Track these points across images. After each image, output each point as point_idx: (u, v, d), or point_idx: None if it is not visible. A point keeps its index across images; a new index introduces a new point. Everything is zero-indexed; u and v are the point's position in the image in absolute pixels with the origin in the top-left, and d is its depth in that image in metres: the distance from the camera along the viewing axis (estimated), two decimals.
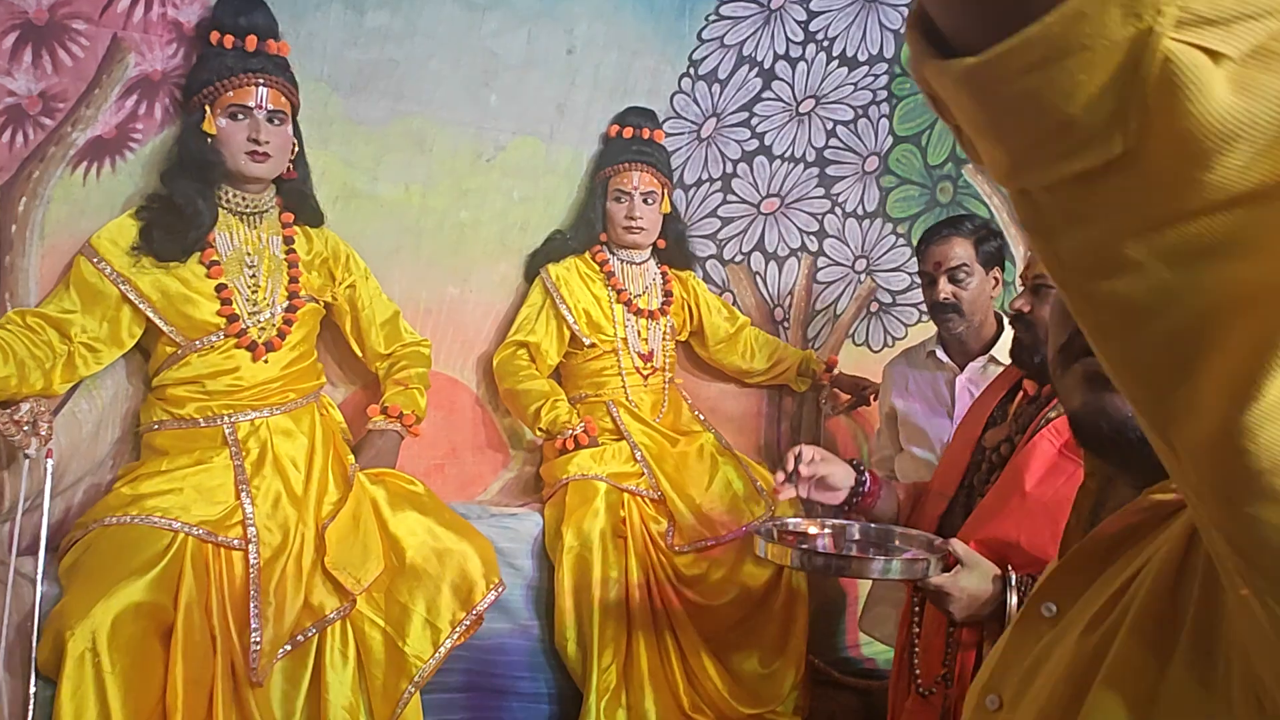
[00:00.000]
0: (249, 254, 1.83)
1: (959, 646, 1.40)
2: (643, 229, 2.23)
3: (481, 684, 1.97)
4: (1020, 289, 1.44)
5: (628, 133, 2.23)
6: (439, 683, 1.81)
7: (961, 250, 2.03)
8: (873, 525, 1.50)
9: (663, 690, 2.03)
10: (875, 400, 2.47)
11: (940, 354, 2.16)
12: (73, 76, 1.70)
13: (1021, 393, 1.52)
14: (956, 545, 1.31)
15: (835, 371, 2.49)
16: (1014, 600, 1.28)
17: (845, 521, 1.47)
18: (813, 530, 1.47)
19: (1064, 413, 1.35)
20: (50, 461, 1.60)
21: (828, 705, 2.26)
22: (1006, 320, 1.55)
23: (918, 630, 1.48)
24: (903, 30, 2.51)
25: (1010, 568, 1.30)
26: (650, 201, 2.23)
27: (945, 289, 2.03)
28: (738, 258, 2.56)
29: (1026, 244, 1.48)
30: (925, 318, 2.72)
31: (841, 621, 2.39)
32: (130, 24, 1.73)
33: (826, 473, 1.48)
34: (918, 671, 1.43)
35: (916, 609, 1.53)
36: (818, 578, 2.22)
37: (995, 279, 2.09)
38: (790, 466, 1.46)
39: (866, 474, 1.52)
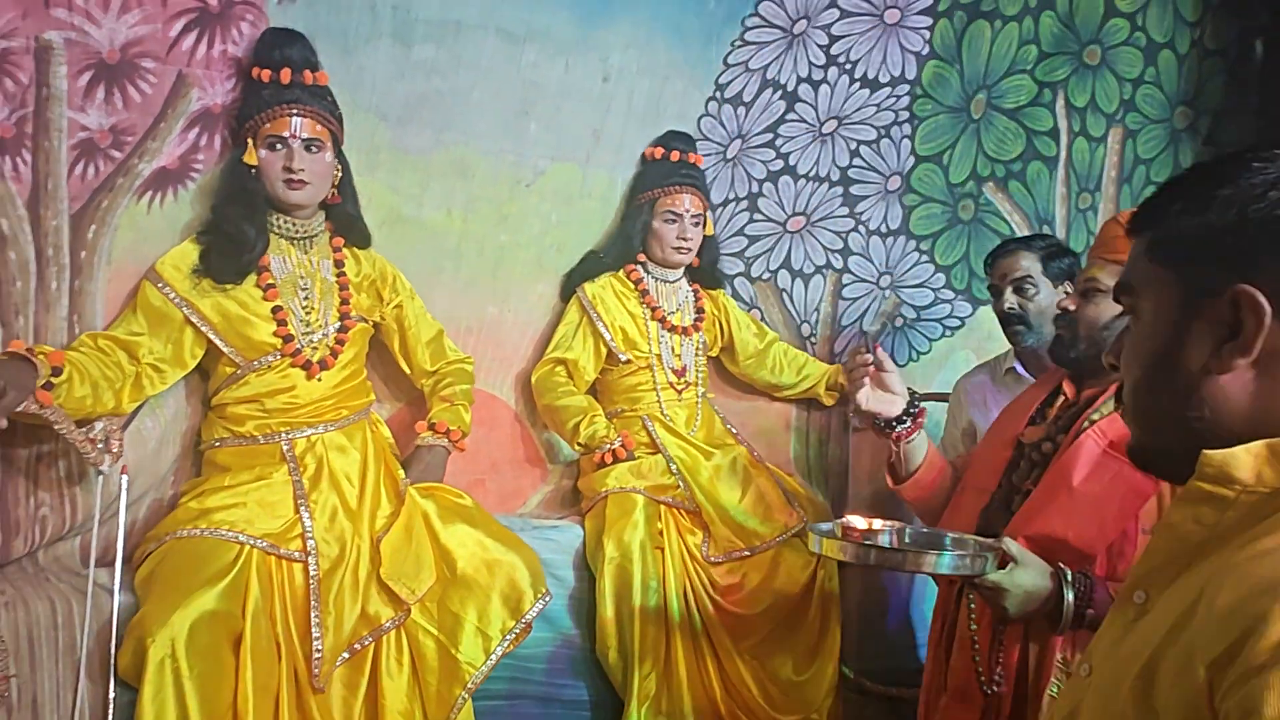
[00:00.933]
0: (302, 277, 1.91)
1: (1005, 645, 1.45)
2: (690, 249, 2.32)
3: (525, 691, 2.03)
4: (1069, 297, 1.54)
5: (674, 156, 2.31)
6: (484, 690, 1.87)
7: (1027, 263, 2.11)
8: (925, 529, 1.56)
9: (700, 697, 2.09)
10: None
11: (1020, 369, 2.23)
12: (140, 111, 1.79)
13: (1062, 396, 1.58)
14: (1010, 544, 1.35)
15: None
16: (1070, 596, 1.33)
17: (901, 524, 1.53)
18: (872, 527, 1.52)
19: (1107, 414, 1.42)
20: (125, 478, 1.68)
21: (859, 712, 2.31)
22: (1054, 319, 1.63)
23: (958, 628, 1.54)
24: (924, 52, 2.60)
25: (1062, 565, 1.36)
26: (697, 223, 2.31)
27: (1010, 300, 2.11)
28: (765, 275, 2.63)
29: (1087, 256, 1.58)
30: (950, 333, 2.78)
31: (872, 631, 2.45)
32: (194, 61, 1.82)
33: (891, 372, 1.63)
34: (980, 670, 1.47)
35: (953, 606, 1.59)
36: (873, 576, 2.27)
37: (1066, 293, 2.15)
38: (864, 356, 1.62)
39: (917, 407, 1.64)
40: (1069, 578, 1.35)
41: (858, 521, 1.53)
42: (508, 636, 1.82)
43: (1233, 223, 0.64)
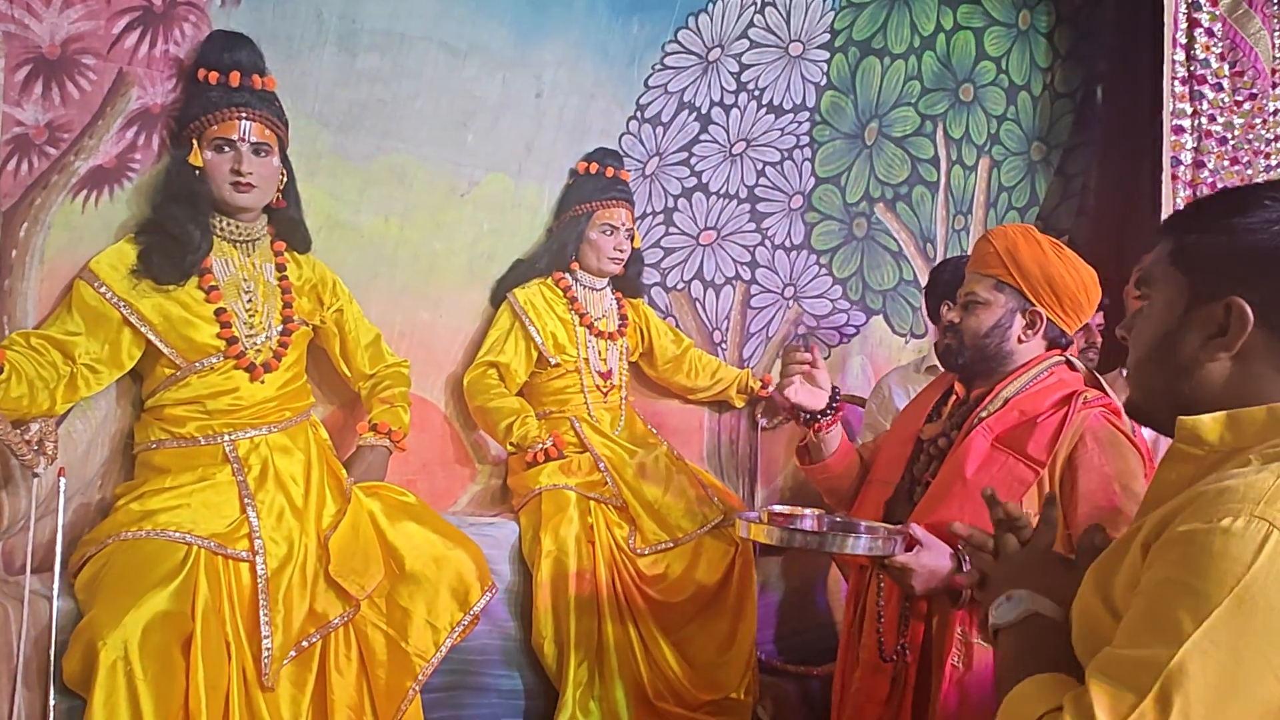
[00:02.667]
0: (245, 280, 1.92)
1: (910, 620, 1.60)
2: (623, 260, 2.44)
3: (463, 683, 2.09)
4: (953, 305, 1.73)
5: (609, 171, 2.43)
6: (427, 683, 1.92)
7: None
8: (840, 517, 1.70)
9: (630, 682, 2.20)
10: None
11: (940, 366, 2.44)
12: (78, 108, 1.76)
13: (954, 395, 1.77)
14: (916, 529, 1.50)
15: (770, 389, 2.75)
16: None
17: (820, 511, 1.69)
18: (795, 513, 1.68)
19: (994, 412, 1.62)
20: (63, 480, 1.64)
21: (772, 690, 2.48)
22: (940, 329, 1.84)
23: (866, 608, 1.71)
24: (822, 83, 2.83)
25: (961, 547, 1.53)
26: (629, 236, 2.44)
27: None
28: (679, 285, 2.79)
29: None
30: (846, 340, 3.02)
31: (782, 615, 2.63)
32: (135, 59, 1.81)
33: (821, 369, 1.80)
34: (882, 640, 1.66)
35: (864, 589, 1.75)
36: (787, 565, 2.44)
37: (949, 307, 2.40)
38: (804, 355, 1.78)
39: (838, 401, 1.82)
40: (965, 558, 1.46)
41: (781, 509, 1.69)
42: (456, 628, 1.88)
43: (1240, 246, 0.85)
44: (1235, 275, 0.85)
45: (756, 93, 2.74)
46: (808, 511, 1.66)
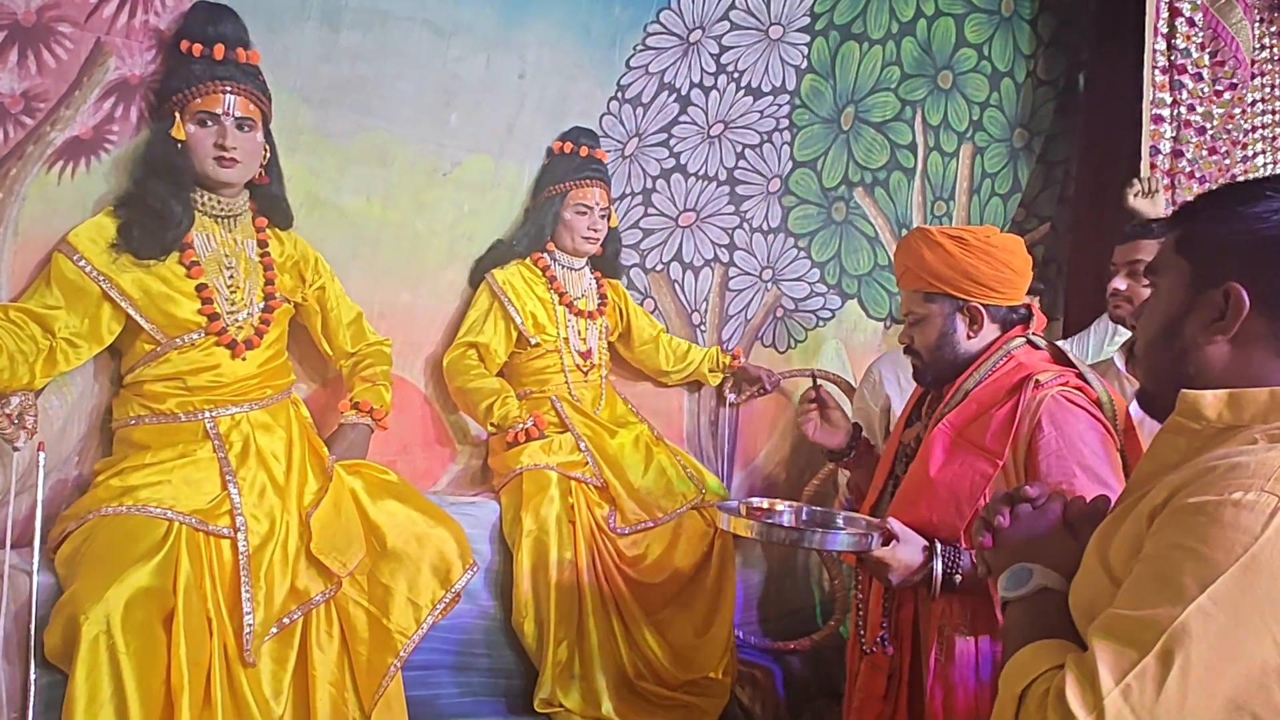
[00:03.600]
0: (226, 255, 1.90)
1: (895, 613, 1.62)
2: (599, 239, 2.44)
3: (443, 662, 2.10)
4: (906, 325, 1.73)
5: (583, 151, 2.43)
6: (407, 661, 1.92)
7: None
8: (819, 508, 1.74)
9: (609, 661, 2.22)
10: (775, 388, 2.79)
11: None
12: (55, 78, 1.73)
13: (933, 394, 1.77)
14: (893, 523, 1.52)
15: (741, 362, 2.77)
16: (939, 567, 1.49)
17: (799, 504, 1.71)
18: (776, 508, 1.70)
19: (954, 407, 1.62)
20: (43, 455, 1.63)
21: (750, 670, 2.52)
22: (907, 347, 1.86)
23: (861, 597, 1.72)
24: (802, 66, 2.84)
25: (935, 540, 1.53)
26: (604, 216, 2.44)
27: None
28: (658, 267, 2.80)
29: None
30: (822, 323, 3.05)
31: (761, 597, 2.66)
32: (114, 29, 1.78)
33: (833, 408, 1.81)
34: (862, 632, 1.67)
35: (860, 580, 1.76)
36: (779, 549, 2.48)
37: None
38: (813, 395, 1.79)
39: (860, 435, 1.83)
40: (937, 550, 1.51)
41: (759, 502, 1.71)
42: (438, 606, 1.89)
43: (1239, 234, 0.89)
44: (1234, 262, 0.89)
45: (736, 75, 2.75)
46: (784, 505, 1.68)
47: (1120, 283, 2.21)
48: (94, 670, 1.50)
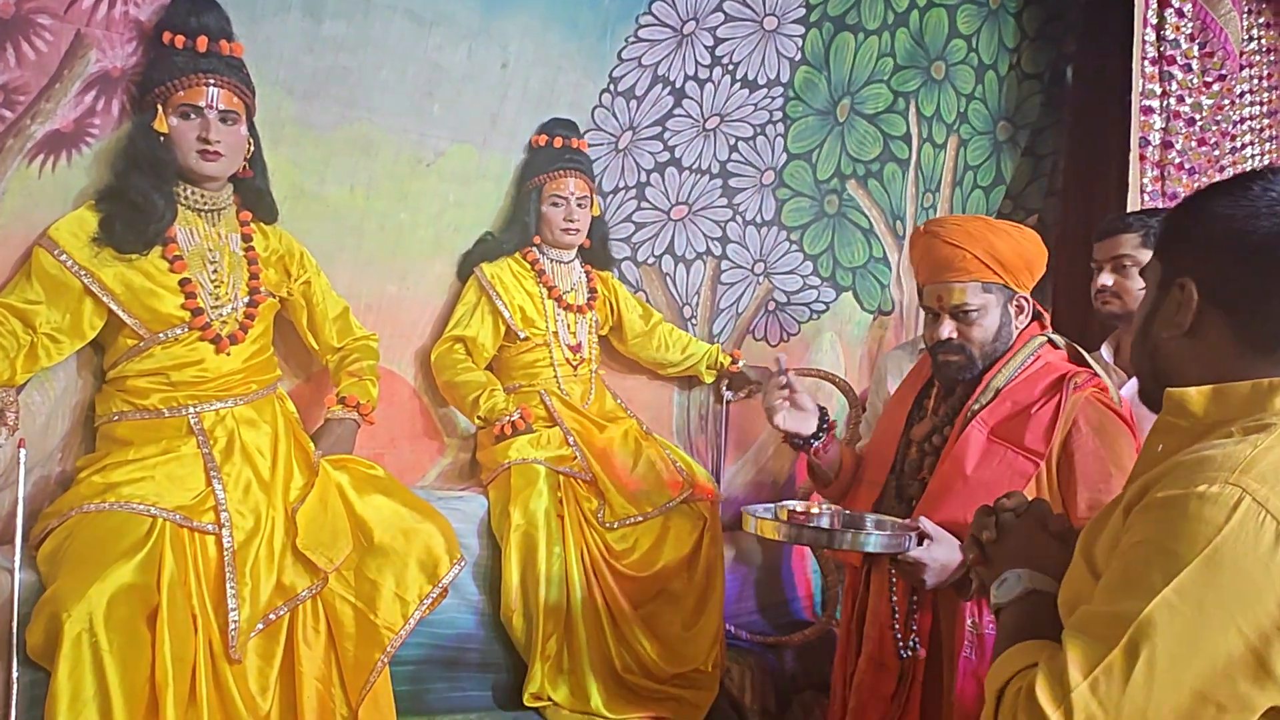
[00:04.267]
0: (210, 250, 1.89)
1: (919, 614, 1.60)
2: (578, 230, 2.42)
3: (432, 657, 2.09)
4: (937, 315, 1.67)
5: (557, 142, 2.41)
6: (395, 656, 1.92)
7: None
8: (849, 511, 1.70)
9: (598, 655, 2.22)
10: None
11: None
12: (35, 70, 1.72)
13: (935, 389, 1.75)
14: (926, 523, 1.50)
15: (740, 364, 2.76)
16: None
17: (835, 508, 1.69)
18: (810, 510, 1.67)
19: (985, 405, 1.60)
20: (24, 451, 1.62)
21: (739, 663, 2.52)
22: (930, 347, 1.81)
23: (869, 605, 1.68)
24: (796, 58, 2.82)
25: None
26: (583, 205, 2.42)
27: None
28: (650, 260, 2.78)
29: (924, 278, 1.72)
30: (816, 316, 3.04)
31: (751, 590, 2.66)
32: (94, 20, 1.76)
33: (800, 392, 1.72)
34: (900, 635, 1.61)
35: (861, 586, 1.73)
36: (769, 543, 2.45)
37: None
38: (784, 381, 1.70)
39: (828, 421, 1.77)
40: None
41: (796, 505, 1.67)
42: (425, 601, 1.88)
43: (1196, 229, 0.91)
44: (1190, 257, 0.90)
45: (731, 67, 2.73)
46: (824, 507, 1.66)
47: (1106, 278, 2.19)
48: (77, 668, 1.49)
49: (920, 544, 1.49)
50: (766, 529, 1.56)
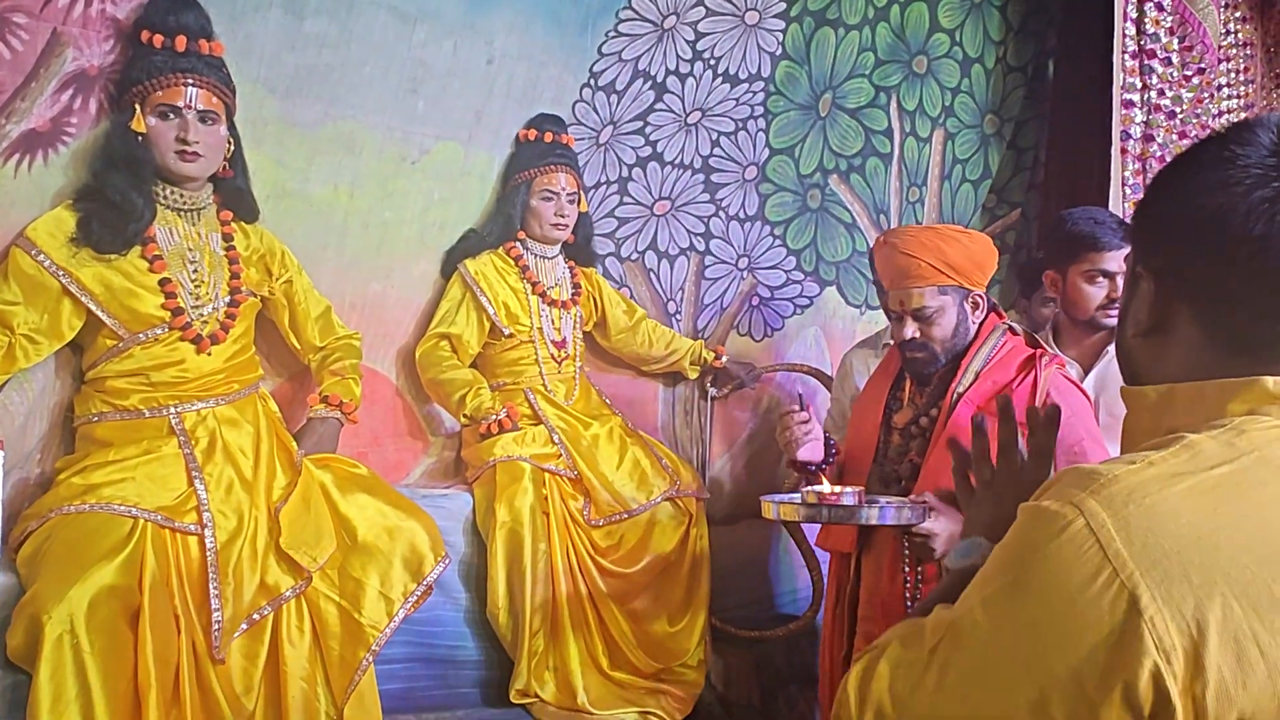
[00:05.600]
0: (190, 249, 1.88)
1: (922, 588, 1.68)
2: (567, 226, 2.42)
3: (418, 655, 2.10)
4: (901, 317, 1.78)
5: (547, 137, 2.40)
6: (381, 654, 1.92)
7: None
8: (861, 489, 1.71)
9: (584, 651, 2.23)
10: (756, 383, 2.80)
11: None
12: (10, 69, 1.71)
13: (909, 382, 1.85)
14: (930, 497, 1.55)
15: (724, 360, 2.77)
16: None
17: (854, 489, 1.69)
18: (831, 490, 1.71)
19: (969, 386, 1.68)
20: (2, 453, 1.61)
21: (724, 658, 2.53)
22: (898, 345, 1.88)
23: (861, 586, 1.74)
24: (777, 53, 2.82)
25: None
26: (573, 201, 2.42)
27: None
28: (633, 255, 2.78)
29: (887, 283, 1.85)
30: (800, 311, 3.05)
31: (736, 585, 2.67)
32: (70, 19, 1.75)
33: (814, 423, 1.82)
34: (910, 606, 1.68)
35: (847, 577, 1.81)
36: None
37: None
38: (805, 414, 1.80)
39: (835, 445, 1.87)
40: None
41: (827, 488, 1.72)
42: (410, 599, 1.88)
43: (1150, 222, 0.81)
44: (1150, 250, 0.80)
45: (712, 62, 2.73)
46: (844, 490, 1.69)
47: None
48: (58, 670, 1.49)
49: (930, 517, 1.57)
50: (787, 512, 1.62)
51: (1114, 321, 2.20)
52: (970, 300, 1.79)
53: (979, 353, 1.77)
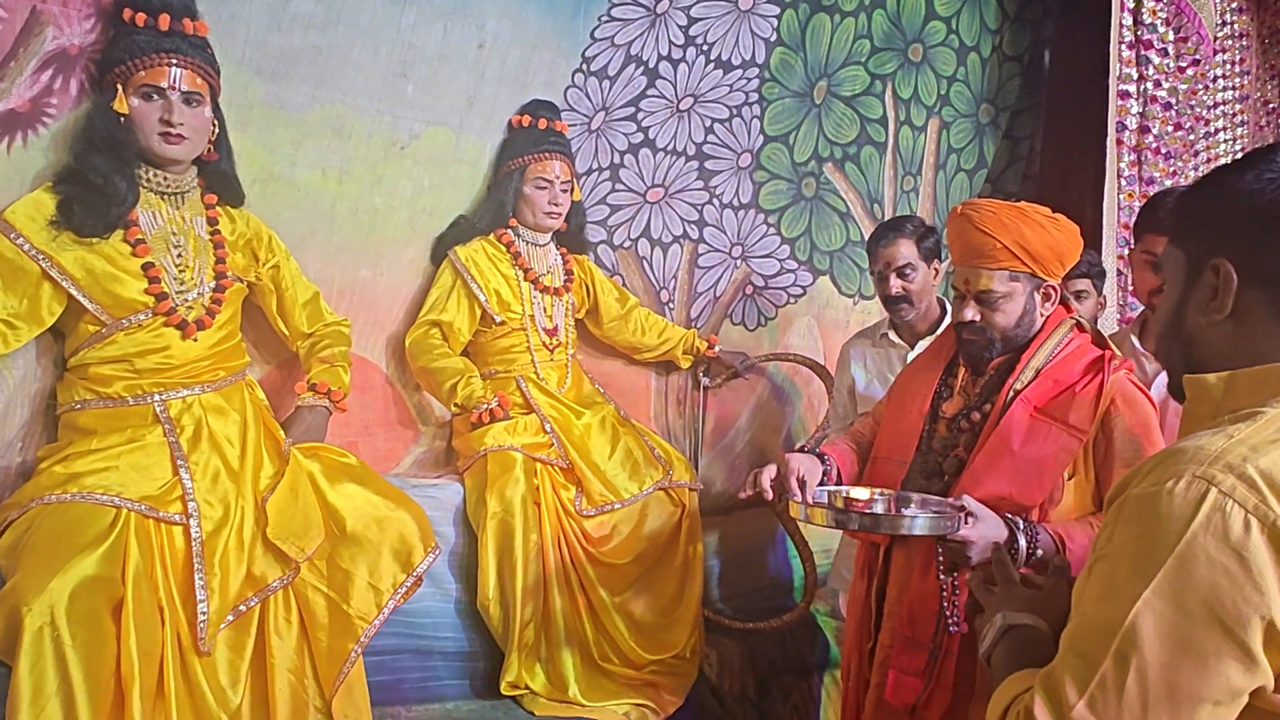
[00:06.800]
0: (174, 234, 1.84)
1: (955, 592, 1.61)
2: (561, 214, 2.39)
3: (408, 646, 2.07)
4: (964, 296, 1.67)
5: (541, 123, 2.37)
6: (369, 646, 1.89)
7: (906, 250, 2.35)
8: (891, 491, 1.69)
9: (576, 643, 2.21)
10: (750, 373, 2.78)
11: (892, 336, 2.48)
12: None
13: (963, 369, 1.75)
14: (970, 502, 1.51)
15: (717, 349, 2.74)
16: (1023, 542, 1.50)
17: (885, 492, 1.68)
18: (860, 495, 1.67)
19: (1028, 384, 1.61)
20: None
21: (717, 649, 2.51)
22: (950, 316, 1.79)
23: (888, 582, 1.69)
24: (772, 39, 2.79)
25: (1010, 516, 1.53)
26: (566, 189, 2.39)
27: (896, 285, 2.34)
28: (626, 243, 2.75)
29: (956, 259, 1.71)
30: (793, 300, 3.03)
31: (730, 576, 2.65)
32: None
33: (803, 470, 1.70)
34: (945, 610, 1.61)
35: (876, 563, 1.75)
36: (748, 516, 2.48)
37: (935, 270, 2.42)
38: (796, 488, 1.66)
39: (828, 460, 1.77)
40: (1020, 525, 1.52)
41: (856, 492, 1.69)
42: (399, 590, 1.86)
43: (1221, 209, 0.87)
44: (1220, 238, 0.87)
45: (705, 48, 2.70)
46: (875, 493, 1.66)
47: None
48: (39, 663, 1.45)
49: (965, 523, 1.50)
50: (816, 516, 1.56)
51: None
52: (1042, 290, 1.65)
53: (1042, 348, 1.64)
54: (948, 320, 2.10)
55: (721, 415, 2.85)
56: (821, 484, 1.74)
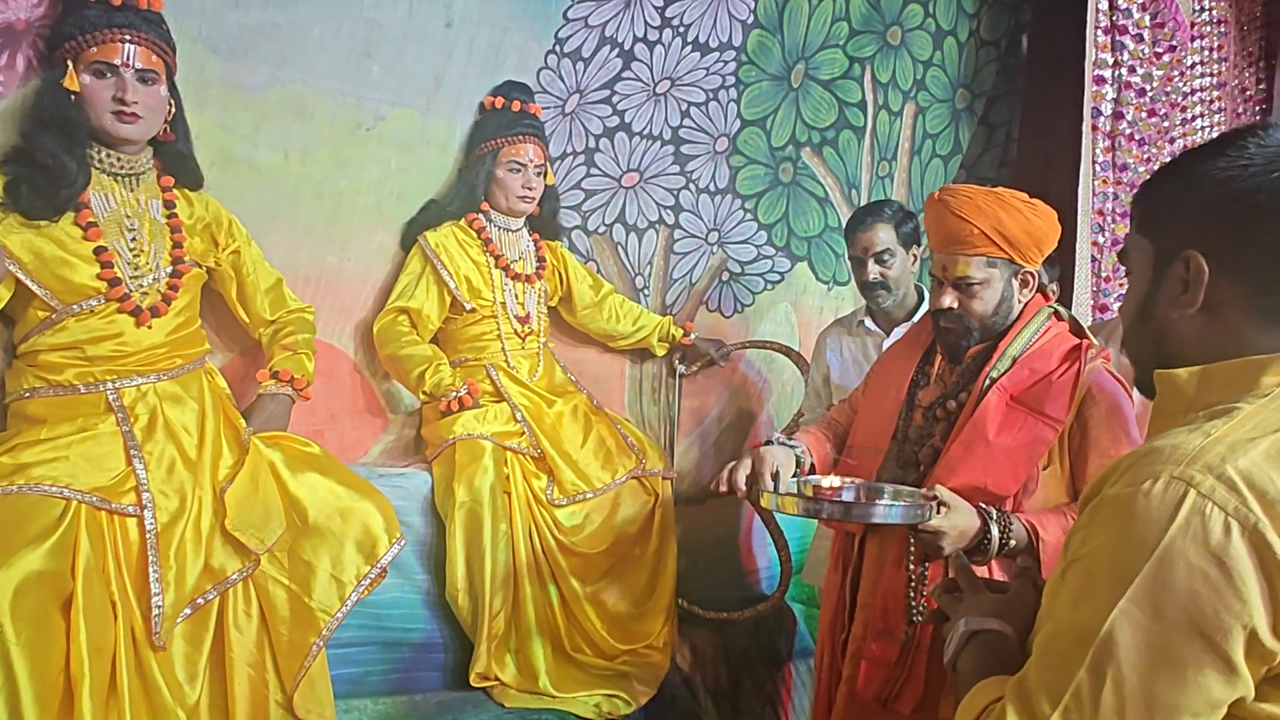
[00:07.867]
0: (128, 216, 1.78)
1: (925, 583, 1.60)
2: (534, 198, 2.34)
3: (375, 638, 2.03)
4: (941, 283, 1.64)
5: (515, 106, 2.31)
6: (334, 638, 1.85)
7: (885, 235, 2.32)
8: (866, 483, 1.67)
9: (547, 634, 2.18)
10: (726, 360, 2.75)
11: (869, 323, 2.45)
12: None
13: (939, 357, 1.73)
14: (942, 492, 1.49)
15: (693, 336, 2.71)
16: (995, 533, 1.48)
17: (854, 481, 1.65)
18: (830, 484, 1.65)
19: (1004, 372, 1.59)
20: None
21: (690, 639, 2.49)
22: (928, 303, 1.77)
23: (862, 573, 1.68)
24: (749, 21, 2.74)
25: (983, 505, 1.51)
26: (540, 173, 2.34)
27: (873, 271, 2.31)
28: (601, 229, 2.71)
29: (933, 245, 1.69)
30: (770, 286, 3.00)
31: (703, 566, 2.63)
32: None
33: (775, 463, 1.67)
34: (911, 601, 1.60)
35: (852, 554, 1.73)
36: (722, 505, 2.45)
37: (914, 256, 2.39)
38: (770, 482, 1.64)
39: (801, 450, 1.74)
40: (994, 515, 1.50)
41: (826, 481, 1.66)
42: (363, 582, 1.82)
43: (1190, 199, 0.83)
44: (1191, 229, 0.83)
45: (682, 29, 2.65)
46: (846, 481, 1.64)
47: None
48: None
49: (938, 512, 1.48)
50: (787, 505, 1.53)
51: None
52: (1020, 277, 1.64)
53: (1019, 335, 1.63)
54: (925, 308, 2.08)
55: (697, 403, 2.83)
56: (795, 475, 1.71)
